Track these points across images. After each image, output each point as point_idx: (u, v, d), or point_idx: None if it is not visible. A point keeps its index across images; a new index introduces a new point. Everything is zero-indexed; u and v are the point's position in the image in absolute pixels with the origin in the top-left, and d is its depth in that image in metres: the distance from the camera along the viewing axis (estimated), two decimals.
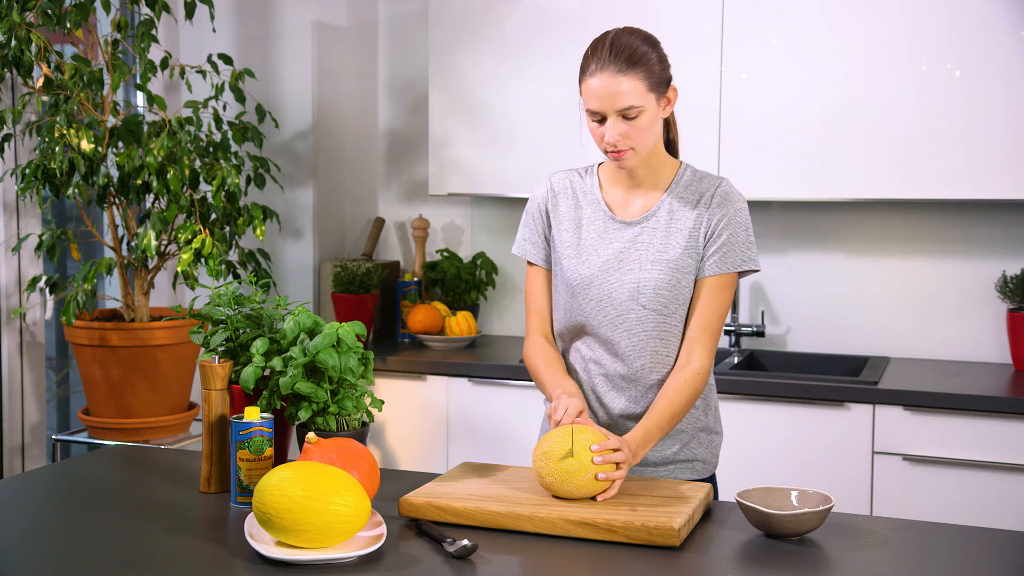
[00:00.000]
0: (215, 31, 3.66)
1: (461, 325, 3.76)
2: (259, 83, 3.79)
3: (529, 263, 2.18)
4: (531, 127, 3.59)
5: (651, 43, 2.00)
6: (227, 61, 3.39)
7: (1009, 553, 1.70)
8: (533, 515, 1.73)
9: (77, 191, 3.02)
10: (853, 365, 3.46)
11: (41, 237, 3.11)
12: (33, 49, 3.01)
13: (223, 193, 3.11)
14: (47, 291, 3.22)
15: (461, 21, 3.68)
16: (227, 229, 3.23)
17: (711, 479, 2.17)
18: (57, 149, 2.94)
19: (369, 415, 2.00)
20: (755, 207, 3.58)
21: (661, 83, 1.98)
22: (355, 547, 1.61)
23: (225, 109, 3.45)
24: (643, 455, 1.95)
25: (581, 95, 2.00)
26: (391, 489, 1.92)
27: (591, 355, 2.10)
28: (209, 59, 3.35)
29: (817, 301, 3.62)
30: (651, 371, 2.07)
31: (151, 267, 3.19)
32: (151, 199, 3.24)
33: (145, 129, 3.16)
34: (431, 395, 3.53)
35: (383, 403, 2.02)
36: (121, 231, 3.24)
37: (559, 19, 3.52)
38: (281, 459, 2.05)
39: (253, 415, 1.88)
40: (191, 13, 3.27)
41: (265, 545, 1.61)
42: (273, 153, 3.86)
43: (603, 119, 1.98)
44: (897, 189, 3.23)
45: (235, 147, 3.39)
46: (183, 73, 3.31)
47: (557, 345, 2.18)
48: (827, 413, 3.09)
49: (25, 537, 1.74)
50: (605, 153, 2.01)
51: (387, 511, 1.82)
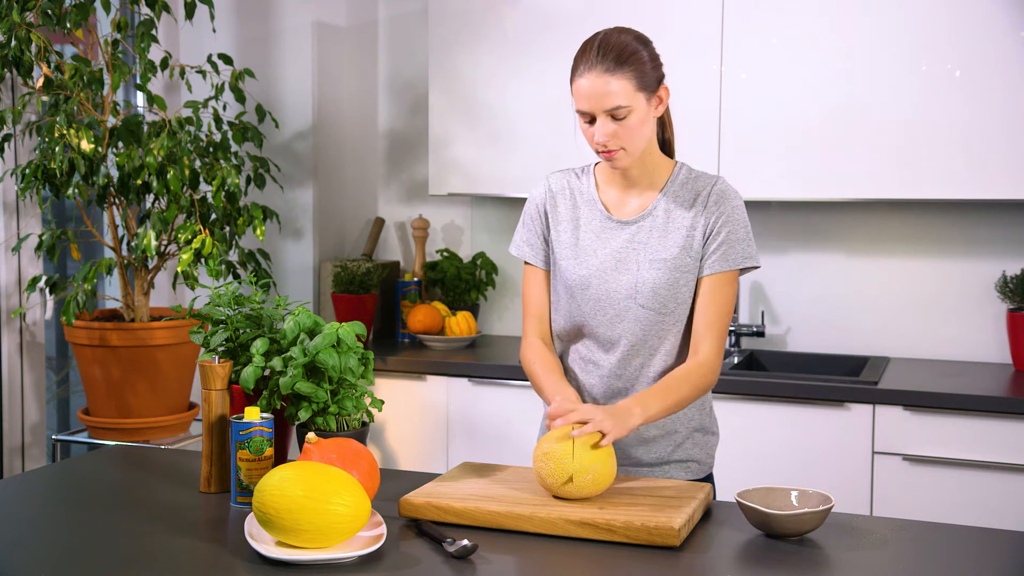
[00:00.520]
0: (215, 31, 3.66)
1: (461, 325, 3.76)
2: (259, 83, 3.79)
3: (527, 264, 2.17)
4: (531, 127, 3.59)
5: (641, 41, 1.99)
6: (227, 61, 3.39)
7: (1009, 553, 1.70)
8: (533, 515, 1.73)
9: (77, 191, 3.02)
10: (853, 365, 3.46)
11: (41, 237, 3.11)
12: (33, 49, 3.01)
13: (223, 193, 3.11)
14: (47, 291, 3.22)
15: (461, 21, 3.68)
16: (227, 229, 3.23)
17: (707, 479, 2.16)
18: (57, 149, 2.94)
19: (369, 415, 2.00)
20: (755, 207, 3.58)
21: (651, 82, 1.97)
22: (355, 547, 1.61)
23: (225, 109, 3.45)
24: (638, 416, 1.89)
25: (572, 96, 1.99)
26: (391, 489, 1.92)
27: (589, 355, 2.10)
28: (209, 59, 3.35)
29: (817, 301, 3.62)
30: (648, 370, 2.06)
31: (151, 267, 3.19)
32: (151, 199, 3.24)
33: (145, 129, 3.16)
34: (431, 395, 3.53)
35: (383, 403, 2.02)
36: (121, 231, 3.24)
37: (559, 19, 3.52)
38: (281, 459, 2.05)
39: (253, 415, 1.88)
40: (191, 13, 3.27)
41: (265, 545, 1.61)
42: (273, 153, 3.86)
43: (593, 119, 1.97)
44: (897, 189, 3.23)
45: (235, 147, 3.39)
46: (183, 73, 3.31)
47: (555, 345, 2.18)
48: (827, 413, 3.09)
49: (25, 537, 1.74)
50: (597, 153, 2.01)
51: (387, 511, 1.82)
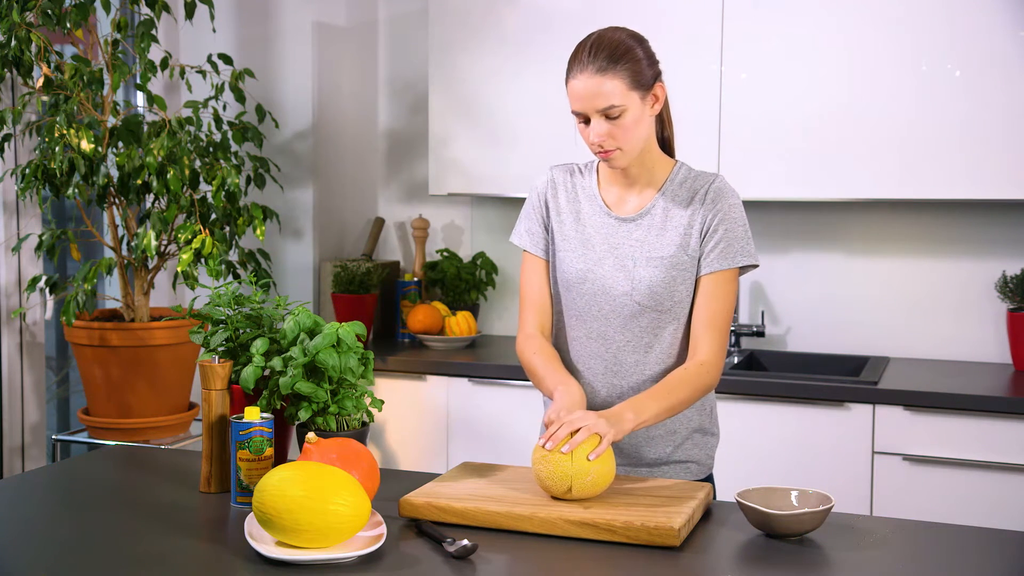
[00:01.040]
0: (215, 31, 3.66)
1: (461, 325, 3.76)
2: (259, 83, 3.79)
3: (527, 253, 2.16)
4: (531, 127, 3.59)
5: (636, 39, 1.98)
6: (227, 61, 3.39)
7: (1009, 553, 1.70)
8: (533, 515, 1.73)
9: (77, 191, 3.02)
10: (853, 365, 3.46)
11: (41, 237, 3.11)
12: (33, 49, 3.01)
13: (223, 193, 3.11)
14: (47, 291, 3.22)
15: (461, 21, 3.68)
16: (227, 229, 3.23)
17: (707, 480, 2.16)
18: (57, 149, 2.94)
19: (369, 415, 2.00)
20: (755, 207, 3.58)
21: (646, 80, 1.96)
22: (355, 547, 1.61)
23: (225, 109, 3.45)
24: (631, 421, 1.88)
25: (568, 98, 1.99)
26: (391, 489, 1.92)
27: (584, 350, 2.10)
28: (209, 59, 3.36)
29: (817, 301, 3.62)
30: (644, 367, 2.06)
31: (151, 267, 3.19)
32: (151, 199, 3.24)
33: (145, 129, 3.16)
34: (431, 395, 3.53)
35: (383, 403, 2.02)
36: (121, 231, 3.24)
37: (559, 19, 3.52)
38: (281, 459, 2.05)
39: (253, 415, 1.88)
40: (191, 13, 3.27)
41: (265, 545, 1.61)
42: (273, 153, 3.86)
43: (588, 120, 1.97)
44: (897, 189, 3.23)
45: (235, 147, 3.39)
46: (183, 73, 3.31)
47: (551, 339, 2.17)
48: (827, 413, 3.09)
49: (25, 537, 1.74)
50: (595, 154, 2.01)
51: (387, 511, 1.82)
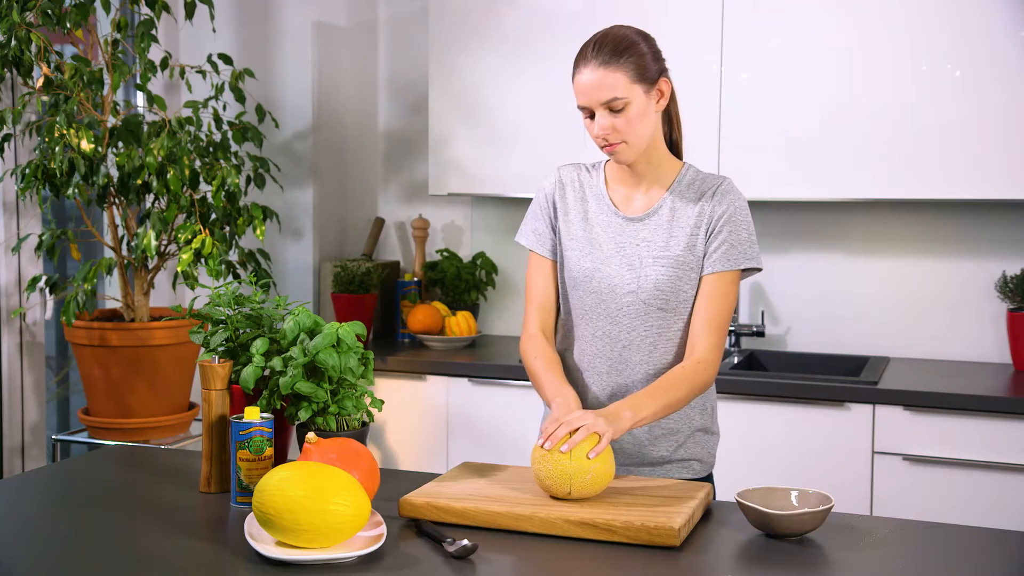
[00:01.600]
0: (215, 31, 3.66)
1: (461, 325, 3.76)
2: (259, 83, 3.79)
3: (533, 253, 2.17)
4: (531, 127, 3.59)
5: (641, 36, 2.01)
6: (227, 61, 3.39)
7: (1009, 553, 1.70)
8: (533, 515, 1.73)
9: (77, 191, 3.02)
10: (853, 365, 3.46)
11: (41, 237, 3.11)
12: (33, 49, 3.01)
13: (223, 193, 3.11)
14: (47, 291, 3.22)
15: (461, 21, 3.68)
16: (227, 229, 3.23)
17: (708, 479, 2.17)
18: (57, 149, 2.94)
19: (369, 415, 2.00)
20: (755, 207, 3.56)
21: (650, 75, 1.98)
22: (355, 547, 1.61)
23: (225, 109, 3.45)
24: (628, 419, 1.89)
25: (574, 94, 2.01)
26: (391, 489, 1.92)
27: (589, 349, 2.11)
28: (209, 59, 3.35)
29: (817, 301, 3.62)
30: (649, 367, 2.07)
31: (151, 267, 3.19)
32: (151, 199, 3.24)
33: (145, 129, 3.16)
34: (431, 395, 3.53)
35: (383, 403, 2.02)
36: (121, 231, 3.24)
37: (559, 19, 3.52)
38: (281, 459, 2.05)
39: (253, 415, 1.88)
40: (191, 13, 3.27)
41: (265, 545, 1.61)
42: (273, 153, 3.86)
43: (593, 114, 1.99)
44: (897, 189, 3.23)
45: (235, 147, 3.39)
46: (183, 73, 3.31)
47: (556, 338, 2.18)
48: (827, 413, 3.09)
49: (25, 537, 1.74)
50: (601, 149, 2.02)
51: (387, 511, 1.82)
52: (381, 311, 4.02)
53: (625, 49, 1.96)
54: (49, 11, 2.96)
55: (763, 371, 3.59)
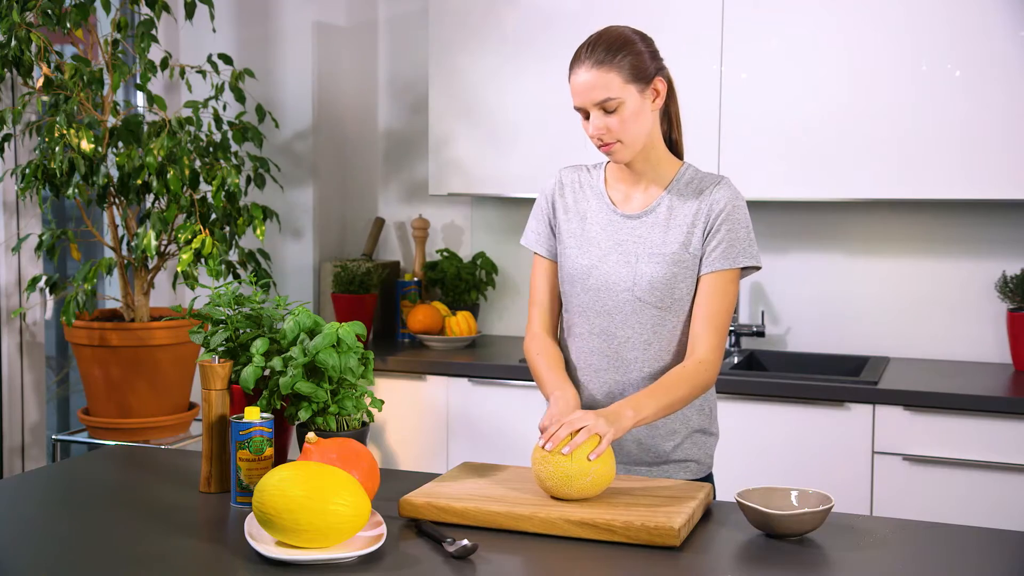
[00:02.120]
0: (215, 31, 3.66)
1: (461, 325, 3.76)
2: (259, 83, 3.79)
3: (535, 254, 2.21)
4: (531, 127, 3.59)
5: (637, 35, 2.02)
6: (227, 61, 3.39)
7: (1009, 553, 1.70)
8: (533, 515, 1.73)
9: (77, 191, 3.02)
10: (853, 365, 3.46)
11: (41, 237, 3.11)
12: (33, 49, 3.01)
13: (223, 193, 3.11)
14: (47, 291, 3.22)
15: (461, 21, 3.68)
16: (227, 229, 3.23)
17: (707, 479, 2.17)
18: (57, 149, 2.94)
19: (369, 415, 2.00)
20: (755, 207, 3.57)
21: (645, 74, 1.99)
22: (355, 547, 1.61)
23: (225, 109, 3.45)
24: (630, 418, 1.89)
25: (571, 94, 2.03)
26: (391, 489, 1.92)
27: (586, 346, 2.11)
28: (209, 59, 3.35)
29: (817, 301, 3.62)
30: (644, 364, 2.07)
31: (151, 267, 3.19)
32: (151, 199, 3.24)
33: (145, 129, 3.16)
34: (431, 395, 3.53)
35: (383, 403, 2.02)
36: (121, 231, 3.24)
37: (559, 19, 3.52)
38: (281, 459, 2.05)
39: (253, 415, 1.88)
40: (191, 13, 3.27)
41: (265, 545, 1.61)
42: (273, 153, 3.86)
43: (588, 115, 2.01)
44: (897, 189, 3.23)
45: (235, 147, 3.39)
46: (183, 73, 3.31)
47: (557, 338, 2.21)
48: (827, 413, 3.09)
49: (25, 537, 1.74)
50: (597, 148, 2.04)
51: (387, 511, 1.82)
52: (381, 311, 4.02)
53: (619, 49, 1.97)
54: (49, 11, 2.96)
55: (763, 371, 3.59)
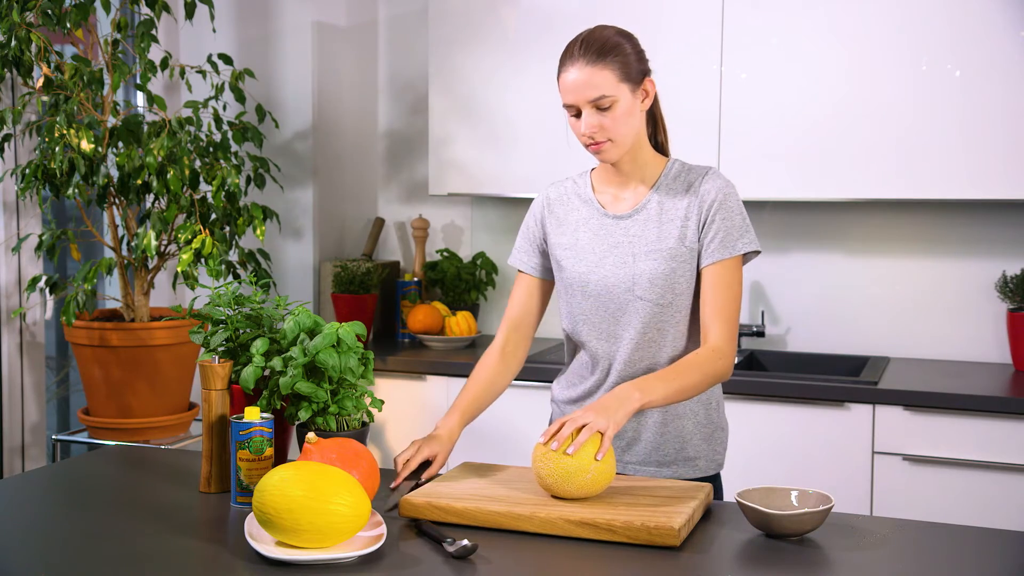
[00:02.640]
0: (215, 31, 3.66)
1: (461, 325, 3.76)
2: (259, 83, 3.79)
3: (519, 271, 2.22)
4: (531, 127, 3.59)
5: (624, 35, 2.02)
6: (227, 61, 3.39)
7: (1009, 553, 1.70)
8: (533, 515, 1.73)
9: (77, 191, 3.02)
10: (853, 365, 3.46)
11: (41, 237, 3.11)
12: (33, 49, 3.01)
13: (223, 193, 3.11)
14: (47, 291, 3.22)
15: (461, 21, 3.68)
16: (227, 229, 3.23)
17: (716, 478, 2.17)
18: (57, 149, 2.94)
19: (369, 415, 2.00)
20: (755, 207, 3.58)
21: (635, 74, 2.00)
22: (355, 547, 1.61)
23: (225, 109, 3.45)
24: (637, 400, 1.88)
25: (560, 93, 2.02)
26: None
27: (597, 351, 2.11)
28: (209, 59, 3.35)
29: (817, 301, 3.62)
30: (655, 366, 2.07)
31: (151, 267, 3.19)
32: (151, 199, 3.24)
33: (145, 129, 3.15)
34: (431, 395, 3.53)
35: (383, 403, 2.02)
36: (121, 231, 3.24)
37: (559, 19, 3.52)
38: (281, 459, 2.05)
39: (253, 415, 1.88)
40: (191, 13, 3.27)
41: (265, 545, 1.61)
42: (273, 153, 3.86)
43: (579, 113, 2.01)
44: (897, 189, 3.23)
45: (235, 147, 3.39)
46: (183, 73, 3.31)
47: (565, 345, 2.22)
48: (827, 413, 3.09)
49: (25, 537, 1.75)
50: (586, 148, 2.03)
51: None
52: (381, 311, 4.02)
53: (611, 48, 1.98)
54: (49, 11, 2.96)
55: (763, 371, 3.59)
